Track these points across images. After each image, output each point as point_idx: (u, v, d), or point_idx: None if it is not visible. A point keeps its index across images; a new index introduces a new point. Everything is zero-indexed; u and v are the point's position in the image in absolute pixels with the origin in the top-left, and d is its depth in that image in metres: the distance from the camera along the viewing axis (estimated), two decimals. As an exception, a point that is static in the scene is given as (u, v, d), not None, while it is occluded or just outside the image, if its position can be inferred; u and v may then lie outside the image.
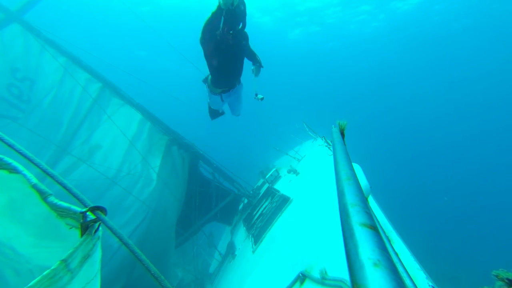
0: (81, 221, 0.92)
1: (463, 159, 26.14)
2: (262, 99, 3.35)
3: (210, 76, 3.31)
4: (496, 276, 0.57)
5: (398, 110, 28.80)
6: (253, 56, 3.29)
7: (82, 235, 0.91)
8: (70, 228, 0.93)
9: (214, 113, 3.95)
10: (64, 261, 0.83)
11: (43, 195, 0.92)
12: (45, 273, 0.77)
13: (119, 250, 3.85)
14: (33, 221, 1.01)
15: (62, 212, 0.92)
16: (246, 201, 5.35)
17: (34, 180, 0.93)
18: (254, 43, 3.29)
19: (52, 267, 0.79)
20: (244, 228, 3.65)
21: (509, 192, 18.91)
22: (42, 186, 0.92)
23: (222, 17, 2.66)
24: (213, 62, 2.99)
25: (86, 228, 0.92)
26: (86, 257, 0.90)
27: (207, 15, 2.81)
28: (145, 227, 4.36)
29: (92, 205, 0.95)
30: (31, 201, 0.94)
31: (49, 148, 4.18)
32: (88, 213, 0.92)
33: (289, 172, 3.82)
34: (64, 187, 1.00)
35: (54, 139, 4.25)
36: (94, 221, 0.94)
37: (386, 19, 16.04)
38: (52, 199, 0.92)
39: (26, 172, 0.94)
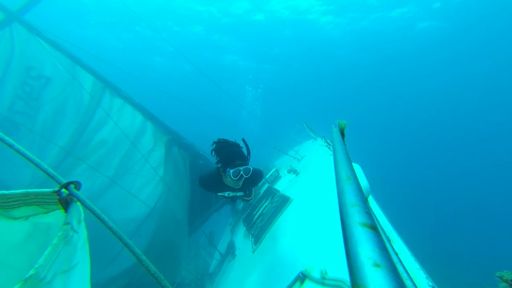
0: (57, 198, 0.92)
1: (464, 159, 26.16)
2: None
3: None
4: (500, 277, 0.57)
5: (399, 110, 28.82)
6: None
7: (65, 211, 0.91)
8: (26, 219, 0.89)
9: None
10: (68, 223, 0.82)
11: None
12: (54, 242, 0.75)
13: (118, 251, 3.85)
14: None
15: (15, 202, 0.86)
16: (246, 201, 5.33)
17: None
18: (255, 38, 3.07)
19: (59, 234, 0.78)
20: (244, 228, 3.64)
21: (510, 192, 18.91)
22: None
23: None
24: None
25: (66, 204, 0.93)
26: (80, 222, 0.90)
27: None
28: (151, 227, 4.35)
29: (65, 181, 0.95)
30: None
31: (46, 147, 4.20)
32: (62, 190, 0.93)
33: (289, 172, 3.81)
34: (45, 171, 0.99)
35: (51, 138, 4.27)
36: (68, 195, 0.95)
37: (382, 19, 16.04)
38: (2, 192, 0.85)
39: None
